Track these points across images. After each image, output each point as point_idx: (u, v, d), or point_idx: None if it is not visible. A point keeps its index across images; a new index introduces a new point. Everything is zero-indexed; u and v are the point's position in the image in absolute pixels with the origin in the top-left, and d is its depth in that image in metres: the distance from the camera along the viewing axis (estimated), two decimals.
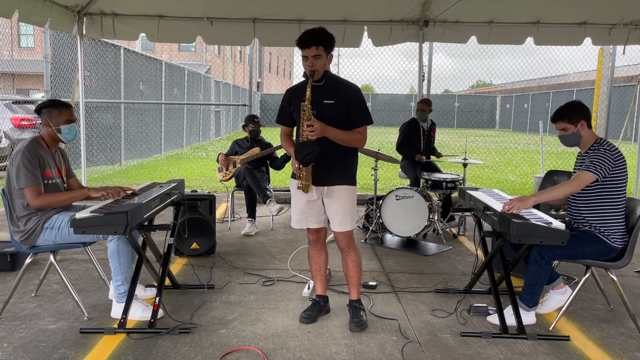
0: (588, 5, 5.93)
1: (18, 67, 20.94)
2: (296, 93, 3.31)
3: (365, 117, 3.29)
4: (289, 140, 3.45)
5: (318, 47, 3.11)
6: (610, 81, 8.60)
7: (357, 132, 3.28)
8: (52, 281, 4.06)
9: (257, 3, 6.00)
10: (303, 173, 3.18)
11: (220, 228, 5.80)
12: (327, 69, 3.24)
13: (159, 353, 2.98)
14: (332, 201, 3.30)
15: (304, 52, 3.14)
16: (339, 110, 3.21)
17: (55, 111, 3.45)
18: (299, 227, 3.44)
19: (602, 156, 3.30)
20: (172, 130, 15.56)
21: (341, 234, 3.35)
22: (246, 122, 6.15)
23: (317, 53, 3.12)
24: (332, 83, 3.26)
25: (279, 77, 45.21)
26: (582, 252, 3.37)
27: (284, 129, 3.46)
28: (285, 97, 3.38)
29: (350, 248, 3.41)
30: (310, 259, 3.55)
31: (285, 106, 3.38)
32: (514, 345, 3.18)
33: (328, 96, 3.21)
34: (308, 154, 3.08)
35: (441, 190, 5.75)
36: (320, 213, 3.38)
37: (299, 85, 3.36)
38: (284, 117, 3.41)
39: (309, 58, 3.13)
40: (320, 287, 3.57)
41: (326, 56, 3.17)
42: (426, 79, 7.20)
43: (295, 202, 3.42)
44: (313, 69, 3.13)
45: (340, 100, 3.22)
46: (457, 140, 20.89)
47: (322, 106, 3.19)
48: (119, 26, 6.25)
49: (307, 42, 3.11)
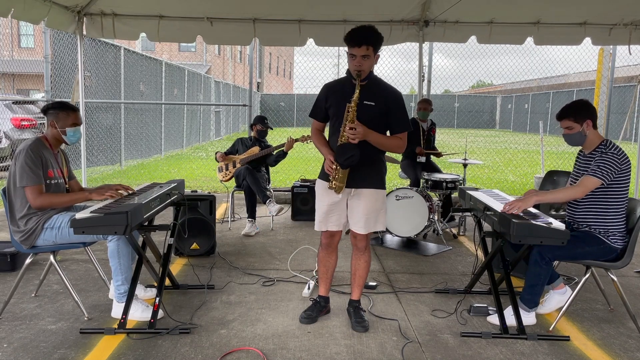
0: (588, 5, 5.93)
1: (18, 67, 20.94)
2: (334, 89, 3.25)
3: (406, 124, 3.23)
4: (320, 136, 3.37)
5: (369, 47, 3.01)
6: (610, 81, 8.61)
7: (397, 137, 3.22)
8: (52, 281, 4.06)
9: (257, 3, 6.00)
10: (339, 175, 3.11)
11: (220, 228, 5.80)
12: (372, 70, 3.17)
13: (159, 353, 2.98)
14: (359, 203, 3.24)
15: (353, 50, 3.02)
16: (378, 112, 3.15)
17: (63, 114, 3.46)
18: (320, 229, 3.37)
19: (610, 161, 3.25)
20: (172, 131, 15.56)
21: (362, 235, 3.32)
22: (255, 122, 6.14)
23: (366, 53, 3.01)
24: (374, 84, 3.19)
25: (279, 78, 45.20)
26: (582, 252, 3.36)
27: (316, 123, 3.39)
28: (322, 92, 3.30)
29: (367, 249, 3.40)
30: (320, 261, 3.52)
31: (321, 101, 3.30)
32: (514, 345, 3.18)
33: (369, 97, 3.12)
34: (348, 158, 3.01)
35: (441, 190, 5.75)
36: (342, 215, 3.32)
37: (337, 82, 3.31)
38: (318, 112, 3.33)
39: (357, 57, 3.02)
40: (325, 288, 3.56)
41: (373, 57, 3.08)
42: (426, 79, 7.20)
43: (320, 203, 3.34)
44: (360, 69, 3.04)
45: (381, 103, 3.15)
46: (457, 140, 20.89)
47: (362, 107, 3.10)
48: (119, 26, 6.26)
49: (359, 41, 3.00)
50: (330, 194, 3.24)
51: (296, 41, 6.49)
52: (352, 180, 3.20)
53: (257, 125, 6.11)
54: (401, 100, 3.23)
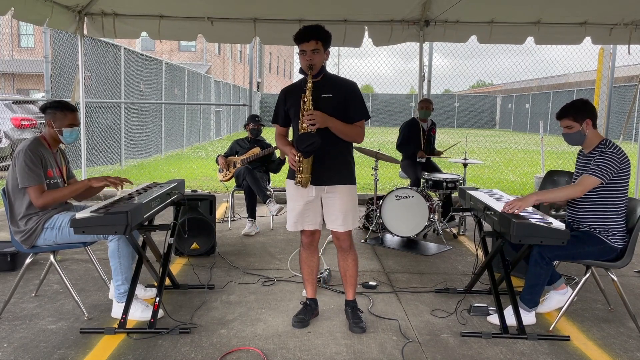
0: (588, 5, 5.93)
1: (18, 67, 20.96)
2: (291, 91, 3.30)
3: (364, 112, 3.28)
4: (284, 140, 3.42)
5: (317, 41, 3.10)
6: (610, 81, 8.60)
7: (357, 126, 3.26)
8: (52, 281, 4.06)
9: (258, 3, 6.00)
10: (303, 165, 3.13)
11: (220, 228, 5.80)
12: (324, 65, 3.23)
13: (159, 353, 2.98)
14: (334, 201, 3.26)
15: (303, 46, 3.11)
16: (337, 104, 3.19)
17: (60, 114, 3.45)
18: (295, 229, 3.37)
19: (609, 160, 3.26)
20: (172, 130, 15.56)
21: (344, 233, 3.33)
22: (247, 121, 6.18)
23: (315, 47, 3.10)
24: (329, 79, 3.26)
25: (279, 77, 45.22)
26: (582, 252, 3.36)
27: (279, 129, 3.43)
28: (280, 96, 3.36)
29: (351, 248, 3.40)
30: (303, 262, 3.50)
31: (280, 105, 3.35)
32: (514, 345, 3.18)
33: (325, 90, 3.19)
34: (309, 145, 3.03)
35: (441, 190, 5.75)
36: (318, 214, 3.34)
37: (293, 85, 3.36)
38: (278, 116, 3.38)
39: (307, 52, 3.11)
40: (312, 290, 3.54)
41: (324, 52, 3.16)
42: (426, 79, 7.20)
43: (293, 203, 3.36)
44: (311, 63, 3.11)
45: (339, 94, 3.20)
46: (457, 140, 20.87)
47: (321, 101, 3.16)
48: (119, 25, 6.26)
49: (307, 36, 3.09)
50: (303, 194, 3.25)
51: None
52: (324, 177, 3.22)
53: (249, 124, 6.13)
54: (357, 90, 3.28)
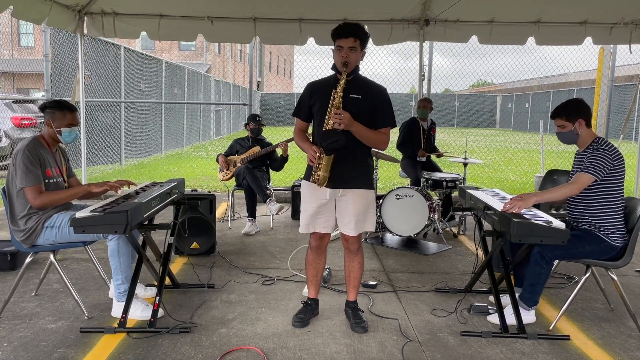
0: (589, 4, 5.93)
1: (18, 67, 20.96)
2: (318, 86, 3.24)
3: (391, 119, 3.22)
4: (303, 135, 3.32)
5: (356, 39, 3.05)
6: (610, 80, 8.59)
7: (381, 132, 3.20)
8: (52, 280, 4.06)
9: (258, 3, 6.00)
10: (323, 163, 3.04)
11: (220, 227, 5.80)
12: (357, 65, 3.17)
13: (159, 352, 2.98)
14: (347, 204, 3.21)
15: (340, 42, 3.06)
16: (364, 107, 3.14)
17: (59, 113, 3.45)
18: (307, 231, 3.31)
19: (601, 157, 3.29)
20: (172, 130, 15.56)
21: (354, 237, 3.30)
22: (248, 121, 6.18)
23: (353, 45, 3.05)
24: (360, 80, 3.20)
25: (279, 77, 45.19)
26: (582, 251, 3.37)
27: (299, 123, 3.34)
28: (306, 90, 3.28)
29: (359, 250, 3.38)
30: (309, 263, 3.48)
31: (304, 99, 3.27)
32: (514, 344, 3.18)
33: (355, 91, 3.12)
34: (333, 142, 2.94)
35: (441, 189, 5.75)
36: (331, 217, 3.27)
37: (321, 80, 3.29)
38: (301, 110, 3.30)
39: (344, 49, 3.05)
40: (315, 290, 3.54)
41: (360, 51, 3.11)
42: (426, 78, 7.19)
43: (307, 205, 3.28)
44: (347, 60, 3.05)
45: (367, 97, 3.14)
46: (457, 139, 20.89)
47: (348, 100, 3.09)
48: (119, 25, 6.25)
49: (346, 32, 3.04)
50: (317, 196, 3.21)
51: (297, 40, 6.49)
52: (340, 180, 3.16)
53: (249, 124, 6.12)
54: (387, 96, 3.23)
